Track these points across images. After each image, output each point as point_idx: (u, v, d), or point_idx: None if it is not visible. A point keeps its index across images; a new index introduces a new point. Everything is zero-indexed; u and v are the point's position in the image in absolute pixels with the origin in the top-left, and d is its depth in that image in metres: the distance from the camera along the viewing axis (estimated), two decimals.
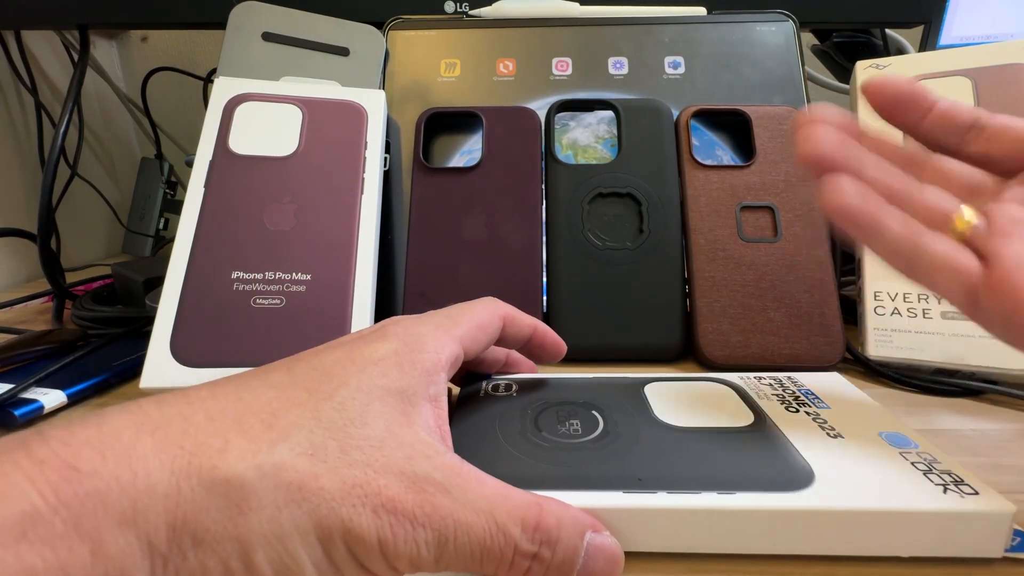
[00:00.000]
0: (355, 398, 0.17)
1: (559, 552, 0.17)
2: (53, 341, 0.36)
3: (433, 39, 0.46)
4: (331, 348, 0.20)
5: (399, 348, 0.19)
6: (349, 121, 0.36)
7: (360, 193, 0.34)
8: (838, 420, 0.24)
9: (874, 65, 0.40)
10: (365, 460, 0.16)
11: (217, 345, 0.30)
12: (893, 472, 0.20)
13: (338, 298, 0.31)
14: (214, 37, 0.74)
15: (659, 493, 0.19)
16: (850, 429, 0.23)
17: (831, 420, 0.24)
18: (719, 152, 0.41)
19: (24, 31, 0.57)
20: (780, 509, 0.19)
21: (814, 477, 0.20)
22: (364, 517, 0.15)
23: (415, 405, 0.18)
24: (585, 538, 0.17)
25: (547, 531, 0.17)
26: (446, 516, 0.16)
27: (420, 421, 0.18)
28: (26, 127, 0.60)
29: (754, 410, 0.25)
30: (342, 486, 0.15)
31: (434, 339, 0.20)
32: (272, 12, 0.41)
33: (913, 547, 0.19)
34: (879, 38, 0.53)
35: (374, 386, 0.18)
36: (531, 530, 0.17)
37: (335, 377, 0.18)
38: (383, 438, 0.17)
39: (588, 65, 0.45)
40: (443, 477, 0.16)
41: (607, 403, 0.26)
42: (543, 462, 0.21)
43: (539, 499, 0.17)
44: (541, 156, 0.39)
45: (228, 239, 0.32)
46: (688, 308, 0.35)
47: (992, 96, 0.36)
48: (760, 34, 0.45)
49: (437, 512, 0.16)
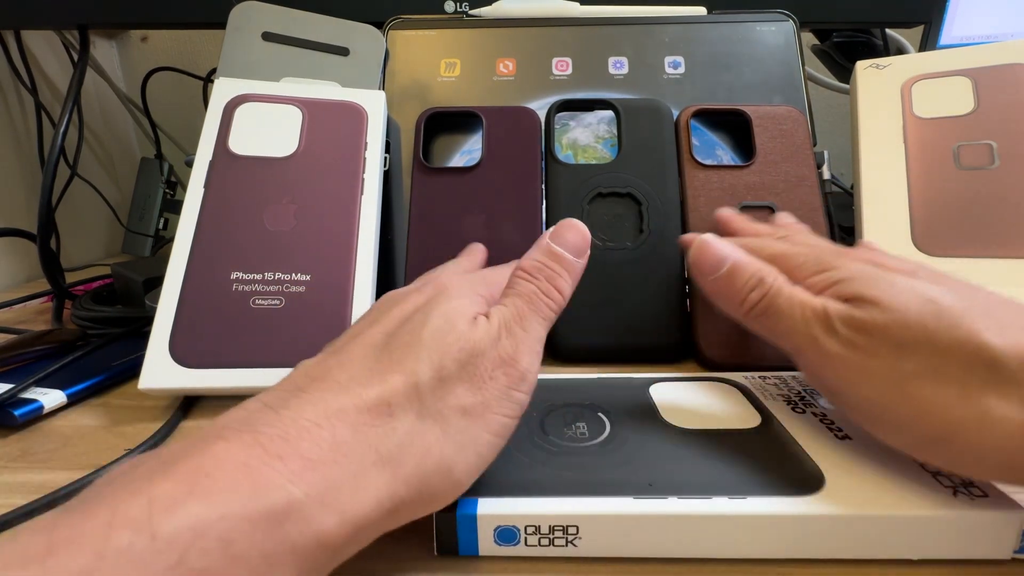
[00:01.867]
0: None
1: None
2: (53, 341, 0.36)
3: (433, 39, 0.46)
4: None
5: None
6: (349, 122, 0.36)
7: (360, 194, 0.34)
8: (845, 420, 0.24)
9: (874, 65, 0.40)
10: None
11: (216, 346, 0.30)
12: (902, 475, 0.20)
13: (338, 298, 0.31)
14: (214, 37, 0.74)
15: (670, 499, 0.19)
16: (857, 430, 0.23)
17: (838, 420, 0.24)
18: (719, 152, 0.41)
19: (24, 31, 0.57)
20: (791, 514, 0.19)
21: (824, 481, 0.20)
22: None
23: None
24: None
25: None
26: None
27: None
28: (26, 127, 0.60)
29: (761, 411, 0.25)
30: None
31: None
32: (272, 12, 0.41)
33: (923, 550, 0.19)
34: (879, 38, 0.53)
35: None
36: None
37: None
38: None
39: (588, 65, 0.45)
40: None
41: (613, 405, 0.26)
42: (551, 467, 0.21)
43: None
44: (541, 156, 0.39)
45: (228, 239, 0.32)
46: (688, 308, 0.35)
47: (992, 96, 0.36)
48: (760, 34, 0.45)
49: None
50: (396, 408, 0.17)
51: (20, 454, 0.27)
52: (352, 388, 0.17)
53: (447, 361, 0.18)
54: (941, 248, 0.35)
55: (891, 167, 0.37)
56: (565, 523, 0.19)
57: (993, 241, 0.34)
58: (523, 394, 0.20)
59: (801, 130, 0.38)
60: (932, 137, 0.37)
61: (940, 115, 0.37)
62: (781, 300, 0.23)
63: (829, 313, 0.21)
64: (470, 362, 0.19)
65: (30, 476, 0.25)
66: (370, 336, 0.20)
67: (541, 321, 0.21)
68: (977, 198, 0.35)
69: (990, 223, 0.34)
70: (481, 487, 0.19)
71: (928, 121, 0.37)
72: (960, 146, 0.36)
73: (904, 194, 0.36)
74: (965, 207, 0.35)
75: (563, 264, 0.22)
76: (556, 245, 0.23)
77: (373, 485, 0.16)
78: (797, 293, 0.23)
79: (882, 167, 0.37)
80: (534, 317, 0.21)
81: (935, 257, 0.34)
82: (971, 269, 0.34)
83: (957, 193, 0.35)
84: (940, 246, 0.35)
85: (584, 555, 0.20)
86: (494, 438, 0.19)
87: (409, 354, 0.18)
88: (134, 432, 0.28)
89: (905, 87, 0.39)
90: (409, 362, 0.18)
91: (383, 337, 0.20)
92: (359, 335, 0.20)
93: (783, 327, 0.23)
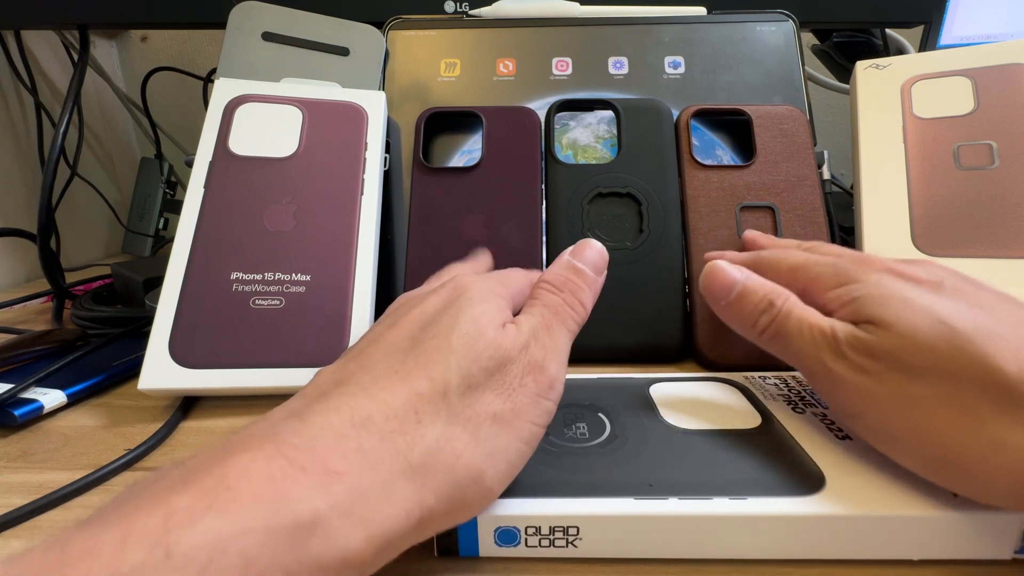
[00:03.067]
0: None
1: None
2: (53, 341, 0.36)
3: (433, 39, 0.46)
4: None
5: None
6: (349, 122, 0.36)
7: (360, 194, 0.34)
8: None
9: (874, 65, 0.40)
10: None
11: (216, 346, 0.29)
12: (903, 475, 0.20)
13: (338, 298, 0.31)
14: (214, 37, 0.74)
15: (670, 499, 0.19)
16: None
17: (838, 421, 0.24)
18: (719, 152, 0.41)
19: (24, 31, 0.57)
20: (792, 515, 0.19)
21: (824, 481, 0.20)
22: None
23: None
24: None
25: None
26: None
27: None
28: (26, 127, 0.60)
29: (761, 411, 0.25)
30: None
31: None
32: (272, 12, 0.41)
33: (923, 550, 0.19)
34: (879, 38, 0.53)
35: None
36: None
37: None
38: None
39: (588, 65, 0.45)
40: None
41: (613, 405, 0.26)
42: (552, 468, 0.21)
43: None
44: (541, 156, 0.39)
45: (228, 240, 0.32)
46: (688, 308, 0.35)
47: (992, 96, 0.36)
48: (760, 34, 0.45)
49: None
50: (424, 415, 0.17)
51: (20, 454, 0.27)
52: (377, 394, 0.17)
53: (476, 368, 0.18)
54: (941, 248, 0.35)
55: (891, 167, 0.37)
56: (566, 524, 0.19)
57: (993, 241, 0.34)
58: (551, 402, 0.19)
59: (802, 130, 0.38)
60: (932, 137, 0.37)
61: (940, 115, 0.37)
62: (791, 323, 0.23)
63: (838, 336, 0.21)
64: (500, 369, 0.18)
65: (30, 476, 0.25)
66: (393, 338, 0.19)
67: (566, 332, 0.21)
68: (977, 198, 0.35)
69: (990, 223, 0.34)
70: None
71: (928, 121, 0.37)
72: (960, 146, 0.36)
73: (904, 194, 0.36)
74: (965, 207, 0.35)
75: (584, 279, 0.23)
76: (577, 262, 0.23)
77: (402, 496, 0.15)
78: (808, 316, 0.22)
79: (882, 167, 0.37)
80: (560, 328, 0.21)
81: (934, 257, 0.34)
82: (971, 269, 0.33)
83: (957, 193, 0.35)
84: (940, 246, 0.35)
85: (585, 556, 0.20)
86: (524, 446, 0.18)
87: (437, 359, 0.18)
88: (134, 432, 0.28)
89: (905, 87, 0.39)
90: (438, 367, 0.18)
91: (407, 341, 0.19)
92: (379, 338, 0.20)
93: (793, 349, 0.22)
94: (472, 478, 0.17)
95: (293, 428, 0.15)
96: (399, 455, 0.16)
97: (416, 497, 0.16)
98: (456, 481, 0.17)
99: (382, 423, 0.16)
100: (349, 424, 0.16)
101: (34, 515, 0.22)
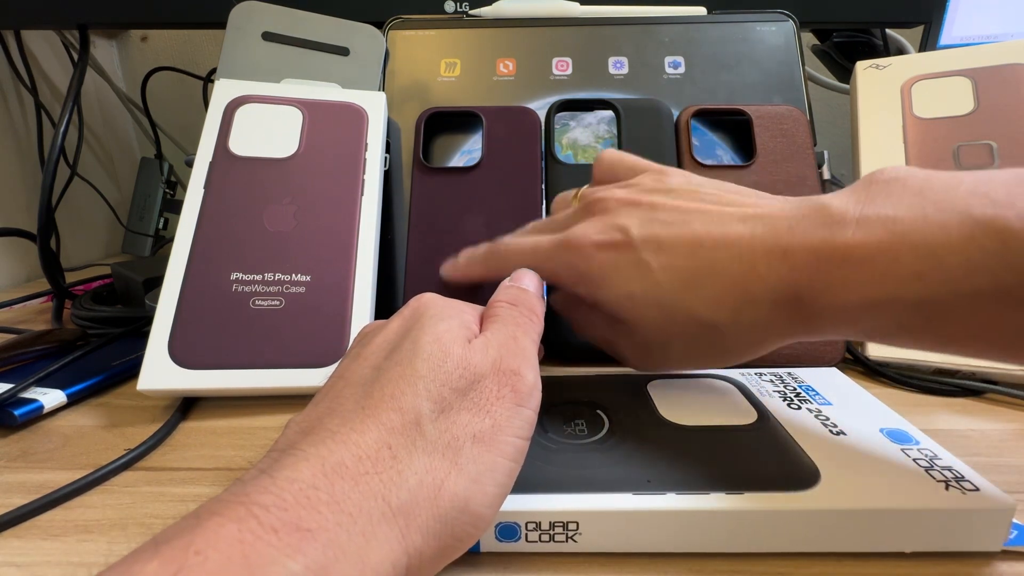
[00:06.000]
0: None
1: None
2: (53, 341, 0.36)
3: (433, 39, 0.46)
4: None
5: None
6: (349, 123, 0.36)
7: (360, 194, 0.34)
8: (839, 416, 0.24)
9: (874, 65, 0.40)
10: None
11: (216, 346, 0.29)
12: (896, 470, 0.21)
13: (338, 299, 0.31)
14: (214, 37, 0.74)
15: (668, 494, 0.20)
16: (852, 426, 0.23)
17: (833, 417, 0.24)
18: (719, 152, 0.41)
19: (24, 31, 0.57)
20: (788, 509, 0.19)
21: (820, 476, 0.20)
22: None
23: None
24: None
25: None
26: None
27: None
28: (26, 127, 0.60)
29: (757, 408, 0.25)
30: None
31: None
32: (272, 12, 0.41)
33: (916, 543, 0.19)
34: (879, 38, 0.53)
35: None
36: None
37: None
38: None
39: (588, 65, 0.45)
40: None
41: (611, 401, 0.26)
42: (551, 464, 0.21)
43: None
44: (541, 156, 0.39)
45: (228, 240, 0.32)
46: None
47: (992, 96, 0.36)
48: (760, 34, 0.45)
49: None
50: (399, 449, 0.16)
51: (20, 454, 0.27)
52: (347, 436, 0.16)
53: (447, 390, 0.17)
54: None
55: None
56: (565, 519, 0.19)
57: None
58: (531, 411, 0.19)
59: (802, 130, 0.38)
60: (932, 137, 0.37)
61: (940, 115, 0.37)
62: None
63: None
64: (472, 387, 0.18)
65: (30, 476, 0.25)
66: (356, 372, 0.19)
67: (531, 342, 0.21)
68: None
69: None
70: None
71: (928, 121, 0.37)
72: (960, 146, 0.36)
73: None
74: None
75: (533, 297, 0.23)
76: (520, 284, 0.24)
77: (385, 545, 0.15)
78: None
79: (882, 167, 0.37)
80: (526, 337, 0.21)
81: None
82: None
83: None
84: None
85: (584, 551, 0.20)
86: (510, 463, 0.18)
87: (404, 387, 0.17)
88: (134, 432, 0.28)
89: (905, 87, 0.39)
90: (406, 396, 0.17)
91: (371, 371, 0.18)
92: (344, 374, 0.19)
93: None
94: (459, 508, 0.16)
95: (263, 486, 0.14)
96: (377, 499, 0.15)
97: (400, 543, 0.15)
98: (442, 515, 0.16)
99: (354, 466, 0.15)
100: (320, 474, 0.15)
101: (34, 515, 0.22)
